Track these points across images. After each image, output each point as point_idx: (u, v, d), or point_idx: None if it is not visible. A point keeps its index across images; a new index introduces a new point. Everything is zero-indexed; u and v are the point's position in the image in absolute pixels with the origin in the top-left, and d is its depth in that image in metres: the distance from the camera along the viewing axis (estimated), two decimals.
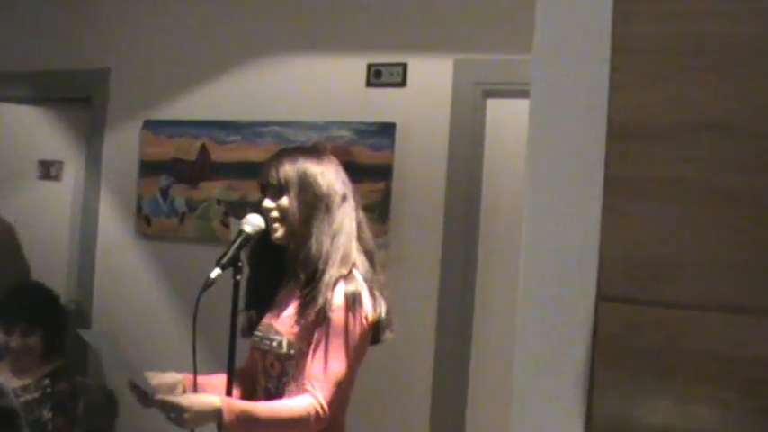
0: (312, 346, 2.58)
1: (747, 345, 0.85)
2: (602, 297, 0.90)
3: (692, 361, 0.86)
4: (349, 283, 2.59)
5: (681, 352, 0.87)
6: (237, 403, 2.55)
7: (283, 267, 2.77)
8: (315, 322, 2.58)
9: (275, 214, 2.70)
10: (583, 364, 0.90)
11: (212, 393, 2.57)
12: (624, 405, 0.89)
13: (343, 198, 2.72)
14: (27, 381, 3.88)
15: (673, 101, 0.88)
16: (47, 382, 3.91)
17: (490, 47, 4.21)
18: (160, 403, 2.50)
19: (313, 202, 2.66)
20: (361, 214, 2.78)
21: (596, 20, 0.91)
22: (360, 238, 2.73)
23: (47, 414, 3.82)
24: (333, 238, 2.64)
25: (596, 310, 0.90)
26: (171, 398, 2.49)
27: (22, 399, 3.80)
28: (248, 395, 2.75)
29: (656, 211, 0.89)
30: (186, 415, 2.45)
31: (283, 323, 2.67)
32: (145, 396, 2.58)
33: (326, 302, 2.55)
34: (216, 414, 2.45)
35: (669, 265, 0.88)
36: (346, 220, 2.70)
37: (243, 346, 2.79)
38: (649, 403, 0.88)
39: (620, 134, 0.90)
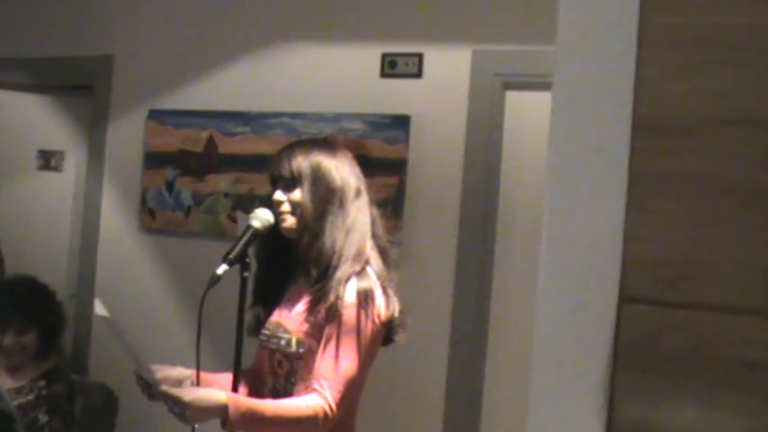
0: (322, 344, 2.58)
1: None
2: (626, 298, 0.90)
3: (717, 366, 0.86)
4: (362, 279, 2.59)
5: (706, 356, 0.87)
6: (244, 400, 2.55)
7: (292, 263, 2.78)
8: (325, 319, 2.58)
9: (286, 207, 2.70)
10: (604, 368, 0.90)
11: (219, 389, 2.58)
12: (646, 410, 0.89)
13: (357, 193, 2.72)
14: (21, 382, 3.88)
15: (701, 94, 0.88)
16: (42, 383, 3.90)
17: (510, 37, 4.21)
18: (163, 395, 2.50)
19: (326, 196, 2.67)
20: (375, 210, 2.79)
21: (622, 10, 0.91)
22: (374, 235, 2.74)
23: (43, 417, 3.82)
24: (346, 233, 2.65)
25: (619, 312, 0.90)
26: (174, 391, 2.49)
27: (16, 401, 3.80)
28: (255, 394, 2.76)
29: (683, 209, 0.89)
30: (189, 411, 2.46)
31: (292, 321, 2.67)
32: (149, 388, 2.59)
33: (338, 299, 2.56)
34: (221, 411, 2.46)
35: (695, 265, 0.88)
36: (360, 215, 2.70)
37: (250, 345, 2.79)
38: (673, 409, 0.88)
39: (645, 128, 0.90)
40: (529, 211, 4.24)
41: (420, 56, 4.46)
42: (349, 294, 2.57)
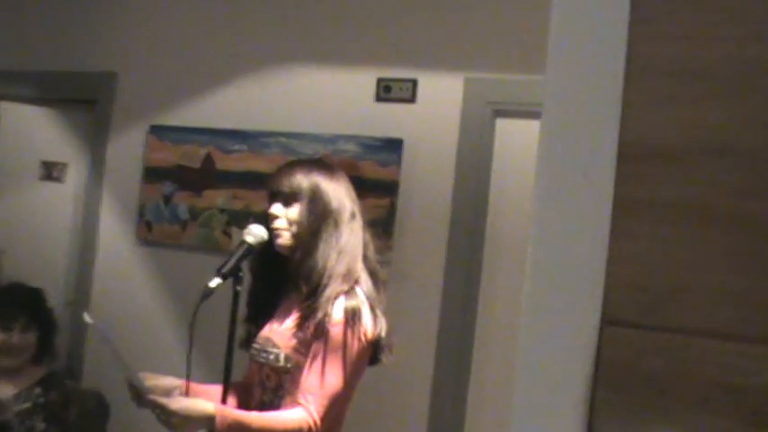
0: (309, 360, 2.58)
1: (754, 374, 0.84)
2: (607, 321, 0.90)
3: (695, 389, 0.86)
4: (350, 298, 2.59)
5: (684, 379, 0.86)
6: (231, 412, 2.54)
7: (285, 279, 2.77)
8: (313, 336, 2.57)
9: (282, 223, 2.70)
10: (585, 388, 0.89)
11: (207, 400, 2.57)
12: (625, 430, 0.88)
13: (352, 215, 2.73)
14: (17, 389, 3.86)
15: (685, 123, 0.88)
16: (38, 390, 3.88)
17: (502, 66, 4.22)
18: (151, 403, 2.50)
19: (322, 216, 2.67)
20: (368, 233, 2.79)
21: (611, 41, 0.91)
22: (365, 258, 2.74)
23: (40, 425, 3.80)
24: (338, 253, 2.64)
25: (600, 334, 0.89)
26: (161, 399, 2.49)
27: (15, 409, 3.79)
28: (244, 406, 2.75)
29: (665, 235, 0.88)
30: (174, 419, 2.45)
31: (281, 336, 2.67)
32: (139, 395, 2.58)
33: (326, 316, 2.55)
34: (209, 421, 2.45)
35: (676, 290, 0.88)
36: (353, 237, 2.70)
37: (243, 358, 2.79)
38: (650, 429, 0.87)
39: (631, 155, 0.90)
40: (515, 233, 4.25)
41: (414, 82, 4.47)
42: (337, 312, 2.57)
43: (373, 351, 2.68)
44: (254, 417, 2.57)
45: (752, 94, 0.87)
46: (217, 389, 2.68)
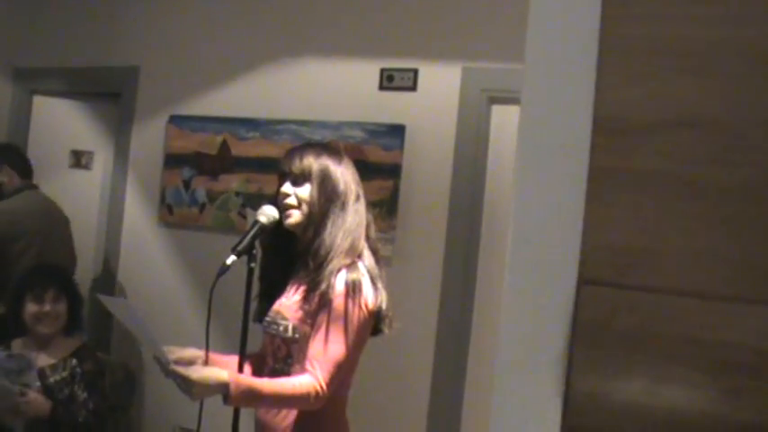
0: (314, 330, 2.58)
1: (718, 329, 0.85)
2: (584, 281, 0.90)
3: (664, 343, 0.86)
4: (351, 271, 2.59)
5: (655, 334, 0.87)
6: (244, 379, 2.55)
7: (295, 257, 2.77)
8: (318, 307, 2.58)
9: (292, 201, 2.70)
10: (563, 344, 0.90)
11: (224, 369, 2.58)
12: (601, 383, 0.89)
13: (357, 197, 2.72)
14: (53, 360, 3.88)
15: (654, 99, 0.89)
16: (74, 361, 3.90)
17: (497, 56, 4.21)
18: (173, 374, 2.51)
19: (331, 198, 2.66)
20: (370, 214, 2.79)
21: (585, 23, 0.91)
22: (368, 237, 2.74)
23: (82, 393, 3.82)
24: (344, 232, 2.64)
25: (577, 293, 0.90)
26: (182, 370, 2.49)
27: (51, 379, 3.80)
28: (258, 374, 2.76)
29: (636, 202, 0.89)
30: (195, 388, 2.46)
31: (289, 309, 2.67)
32: (164, 366, 2.59)
33: (329, 288, 2.55)
34: (224, 388, 2.46)
35: (646, 252, 0.88)
36: (357, 217, 2.70)
37: (258, 330, 2.79)
38: (624, 382, 0.88)
39: (604, 129, 0.90)
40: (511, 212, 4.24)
41: (415, 71, 4.46)
42: (339, 284, 2.57)
43: (375, 322, 2.68)
44: (265, 383, 2.58)
45: (718, 70, 0.87)
46: (235, 359, 2.69)
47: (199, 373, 2.49)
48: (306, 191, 2.68)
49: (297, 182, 2.69)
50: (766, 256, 0.84)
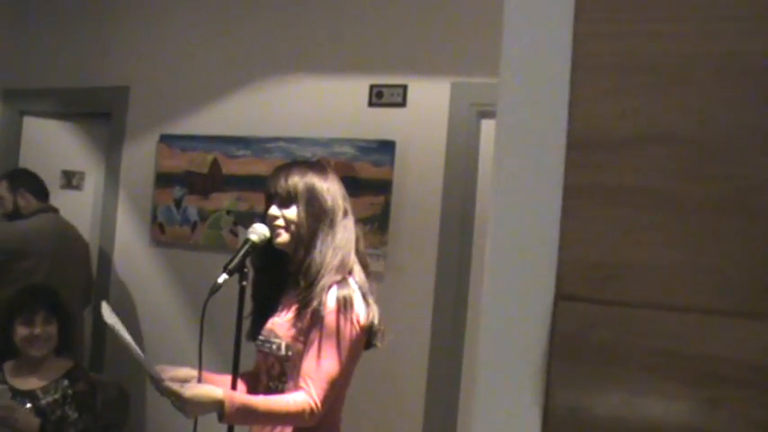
0: (307, 347, 2.59)
1: (691, 341, 0.86)
2: (561, 296, 0.91)
3: (641, 356, 0.87)
4: (342, 287, 2.60)
5: (631, 348, 0.88)
6: (239, 396, 2.56)
7: (287, 275, 2.78)
8: (310, 324, 2.59)
9: (280, 222, 2.71)
10: (542, 358, 0.91)
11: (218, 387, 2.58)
12: (579, 396, 0.90)
13: (345, 213, 2.73)
14: (45, 382, 3.86)
15: (626, 115, 0.90)
16: (66, 382, 3.88)
17: (485, 71, 4.23)
18: (167, 391, 2.51)
19: (319, 216, 2.67)
20: (359, 229, 2.80)
21: (558, 39, 0.92)
22: (357, 251, 2.75)
23: (73, 414, 3.81)
24: (334, 249, 2.65)
25: (555, 308, 0.91)
26: (177, 387, 2.50)
27: (43, 400, 3.79)
28: (252, 392, 2.76)
29: (611, 217, 0.90)
30: (188, 405, 2.47)
31: (282, 327, 2.68)
32: (157, 384, 2.59)
33: (320, 305, 2.56)
34: (218, 406, 2.47)
35: (621, 266, 0.89)
36: (347, 233, 2.70)
37: (251, 349, 2.80)
38: (602, 395, 0.89)
39: (578, 145, 0.91)
40: None
41: (404, 87, 4.49)
42: (330, 301, 2.57)
43: (367, 337, 2.69)
44: (259, 400, 2.58)
45: (688, 85, 0.89)
46: (228, 378, 2.70)
47: (193, 390, 2.49)
48: (293, 212, 2.68)
49: (283, 203, 2.70)
50: (740, 268, 0.86)
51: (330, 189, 2.72)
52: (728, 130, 0.87)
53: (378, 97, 4.53)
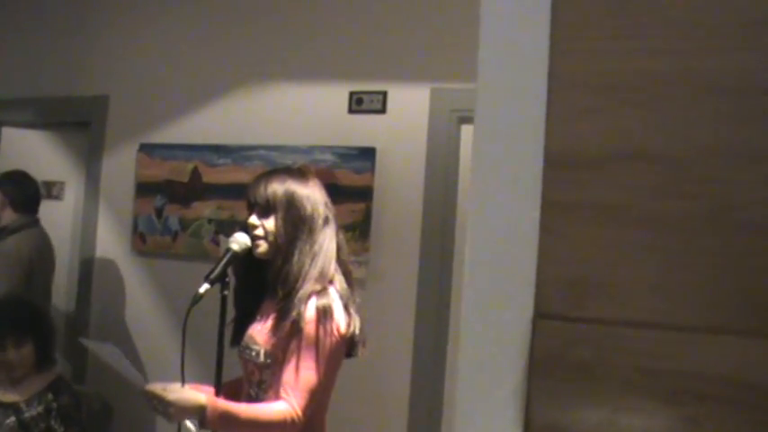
0: (287, 357, 2.59)
1: (670, 358, 0.86)
2: (539, 314, 0.91)
3: (619, 374, 0.87)
4: (321, 297, 2.60)
5: (609, 366, 0.88)
6: (221, 403, 2.55)
7: (267, 281, 2.78)
8: (289, 334, 2.58)
9: (260, 232, 2.70)
10: (521, 376, 0.91)
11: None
12: (559, 414, 0.90)
13: (326, 221, 2.71)
14: (27, 396, 3.82)
15: (604, 132, 0.90)
16: (49, 396, 3.83)
17: (465, 76, 4.22)
18: (149, 395, 2.50)
19: (297, 224, 2.66)
20: (341, 237, 2.79)
21: (534, 57, 0.92)
22: (339, 260, 2.74)
23: (59, 428, 3.77)
24: (312, 258, 2.64)
25: (533, 327, 0.91)
26: (160, 391, 2.50)
27: (27, 414, 3.75)
28: (235, 399, 2.75)
29: (589, 234, 0.90)
30: (171, 409, 2.46)
31: (261, 335, 2.68)
32: (145, 393, 2.57)
33: (299, 315, 2.56)
34: (200, 410, 2.46)
35: (600, 285, 0.89)
36: (327, 242, 2.69)
37: (234, 358, 2.79)
38: (582, 412, 0.89)
39: (556, 162, 0.91)
40: None
41: (384, 93, 4.49)
42: (309, 311, 2.57)
43: (348, 346, 2.69)
44: (242, 408, 2.58)
45: (663, 103, 0.89)
46: (212, 389, 2.69)
47: (176, 394, 2.49)
48: (271, 222, 2.68)
49: (263, 213, 2.70)
50: (717, 285, 0.86)
51: (310, 196, 2.71)
52: (705, 147, 0.87)
53: (357, 104, 4.53)
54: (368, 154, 4.43)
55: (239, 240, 2.72)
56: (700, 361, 0.86)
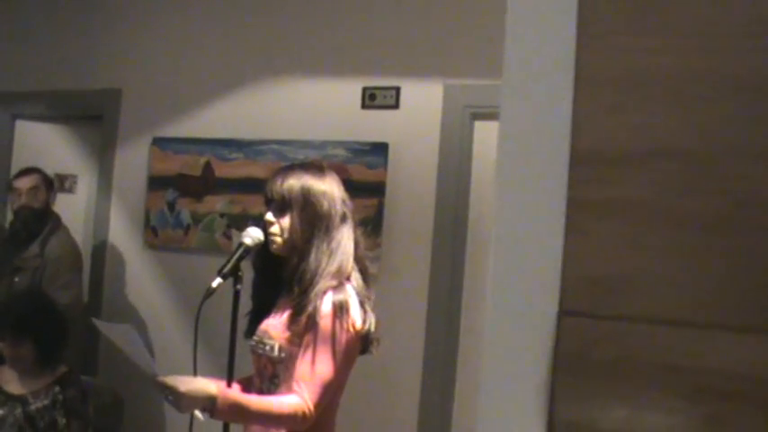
0: (301, 351, 2.58)
1: (694, 356, 0.86)
2: (564, 312, 0.91)
3: (643, 371, 0.88)
4: (338, 293, 2.59)
5: (633, 363, 0.88)
6: (232, 394, 2.55)
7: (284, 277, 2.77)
8: (305, 328, 2.58)
9: (275, 229, 2.69)
10: (545, 374, 0.91)
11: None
12: (582, 412, 0.90)
13: (343, 218, 2.70)
14: (35, 388, 3.81)
15: (630, 129, 0.90)
16: (57, 389, 3.82)
17: (478, 72, 4.23)
18: (160, 385, 2.50)
19: (314, 222, 2.64)
20: (359, 233, 2.77)
21: (561, 54, 0.92)
22: (356, 257, 2.72)
23: (62, 420, 3.77)
24: (329, 256, 2.62)
25: (558, 324, 0.91)
26: (171, 381, 2.49)
27: (33, 406, 3.75)
28: (246, 393, 2.75)
29: (614, 232, 0.90)
30: (182, 401, 2.46)
31: (276, 329, 2.67)
32: (155, 382, 2.57)
33: (315, 310, 2.55)
34: (210, 401, 2.46)
35: (624, 282, 0.89)
36: (344, 239, 2.67)
37: (245, 353, 2.79)
38: (605, 410, 0.89)
39: (581, 159, 0.91)
40: None
41: (397, 89, 4.49)
42: (325, 306, 2.56)
43: (363, 343, 2.68)
44: (253, 400, 2.57)
45: (690, 100, 0.89)
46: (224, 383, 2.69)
47: (187, 385, 2.49)
48: (287, 220, 2.67)
49: (279, 209, 2.69)
50: (741, 282, 0.86)
51: (327, 192, 2.69)
52: (730, 145, 0.87)
53: (371, 99, 4.53)
54: (380, 149, 4.43)
55: (252, 234, 2.72)
56: (723, 359, 0.86)
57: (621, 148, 0.90)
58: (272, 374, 2.68)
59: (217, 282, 2.61)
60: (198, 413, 2.55)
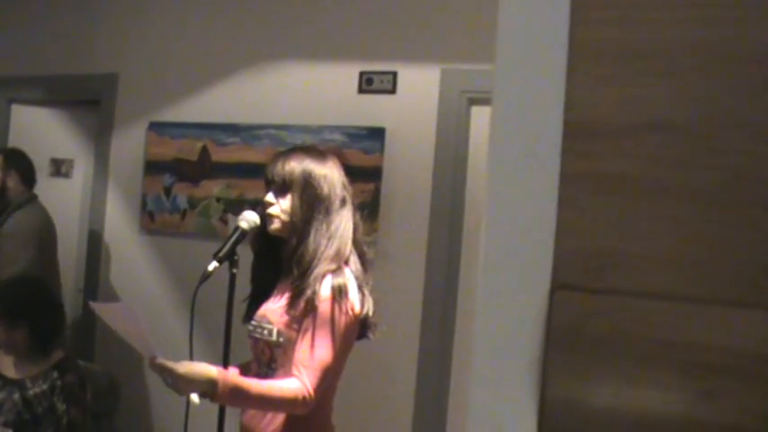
0: (300, 335, 2.57)
1: (687, 331, 0.85)
2: (557, 286, 0.90)
3: (636, 346, 0.87)
4: (337, 276, 2.58)
5: (626, 338, 0.87)
6: (233, 377, 2.54)
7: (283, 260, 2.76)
8: (304, 313, 2.57)
9: (275, 210, 2.69)
10: (537, 349, 0.90)
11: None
12: (575, 387, 0.89)
13: (343, 202, 2.70)
14: (32, 373, 3.80)
15: (624, 102, 0.89)
16: (55, 374, 3.81)
17: (475, 57, 4.22)
18: (159, 367, 2.49)
19: (314, 204, 2.64)
20: (358, 218, 2.77)
21: (554, 26, 0.91)
22: (355, 241, 2.72)
23: (61, 406, 3.75)
24: (329, 239, 2.62)
25: (551, 298, 0.90)
26: (170, 364, 2.48)
27: (31, 391, 3.74)
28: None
29: (607, 206, 0.89)
30: (182, 383, 2.45)
31: (274, 313, 2.67)
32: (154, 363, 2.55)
33: (314, 294, 2.55)
34: (210, 384, 2.45)
35: (617, 256, 0.88)
36: (343, 223, 2.68)
37: (243, 337, 2.78)
38: (598, 386, 0.88)
39: (575, 133, 0.90)
40: None
41: (394, 74, 4.47)
42: (324, 290, 2.56)
43: (361, 327, 2.68)
44: (252, 384, 2.56)
45: (686, 72, 0.88)
46: (232, 370, 2.68)
47: (186, 367, 2.47)
48: (288, 201, 2.67)
49: (280, 191, 2.69)
50: (735, 257, 0.85)
51: (328, 176, 2.69)
52: (725, 119, 0.86)
53: (368, 84, 4.52)
54: (377, 134, 4.42)
55: (248, 218, 2.71)
56: (717, 334, 0.85)
57: (616, 121, 0.89)
58: (269, 359, 2.67)
59: (213, 265, 2.60)
60: (194, 397, 2.54)
